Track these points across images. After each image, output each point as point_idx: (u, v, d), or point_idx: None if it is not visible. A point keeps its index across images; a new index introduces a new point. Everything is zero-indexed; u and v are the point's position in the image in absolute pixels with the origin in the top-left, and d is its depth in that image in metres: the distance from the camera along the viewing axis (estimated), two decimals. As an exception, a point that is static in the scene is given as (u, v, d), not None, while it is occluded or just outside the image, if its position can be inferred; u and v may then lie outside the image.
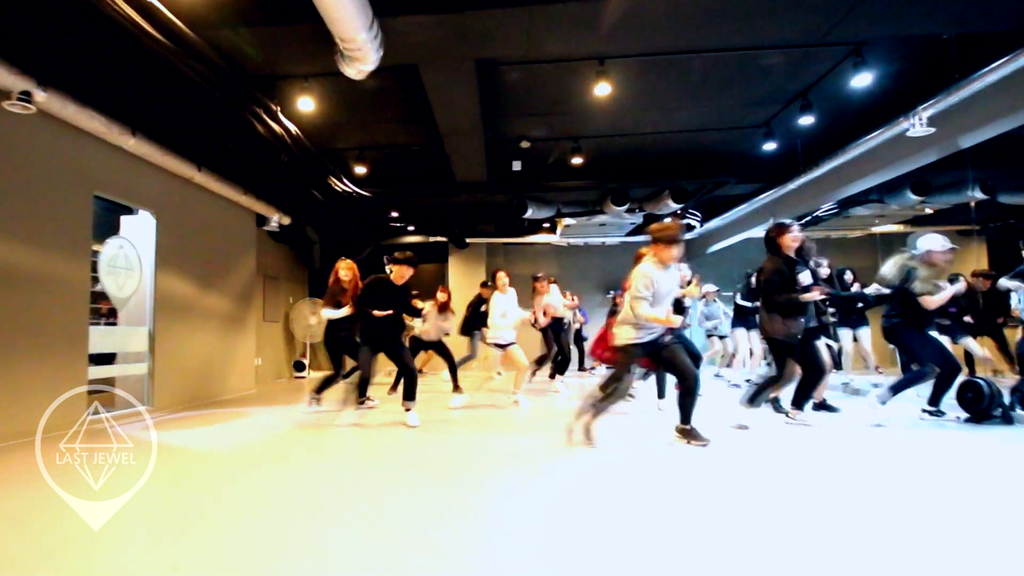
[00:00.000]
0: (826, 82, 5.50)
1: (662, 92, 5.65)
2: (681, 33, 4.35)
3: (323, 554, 1.92)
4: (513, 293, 5.81)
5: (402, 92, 5.28)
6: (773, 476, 3.01)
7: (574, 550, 1.98)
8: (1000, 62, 4.38)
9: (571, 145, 6.82)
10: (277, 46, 4.18)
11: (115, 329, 5.69)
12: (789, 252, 4.21)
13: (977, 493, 2.68)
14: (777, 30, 4.29)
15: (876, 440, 3.95)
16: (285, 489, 2.78)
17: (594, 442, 3.57)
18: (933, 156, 5.70)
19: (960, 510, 2.41)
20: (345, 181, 7.02)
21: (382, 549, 1.99)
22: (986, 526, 2.20)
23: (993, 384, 4.64)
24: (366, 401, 5.85)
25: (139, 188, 5.68)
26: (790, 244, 4.22)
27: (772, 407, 4.97)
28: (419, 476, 3.03)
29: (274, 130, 5.13)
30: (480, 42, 4.07)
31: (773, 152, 6.92)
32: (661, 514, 2.38)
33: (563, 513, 2.38)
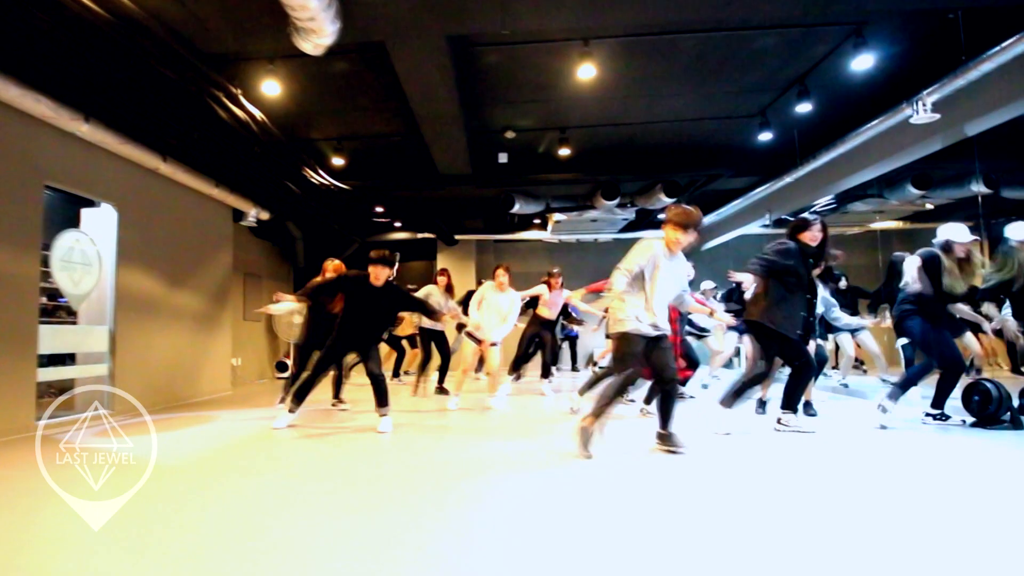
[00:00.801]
0: (825, 66, 5.21)
1: (650, 76, 5.34)
2: (667, 7, 4.03)
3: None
4: (514, 295, 5.51)
5: (375, 77, 4.98)
6: (765, 486, 2.70)
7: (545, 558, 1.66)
8: (1010, 41, 4.10)
9: (558, 135, 6.52)
10: (226, 18, 3.85)
11: (70, 328, 5.36)
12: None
13: (983, 502, 2.38)
14: (769, 6, 3.98)
15: (878, 445, 3.66)
16: (223, 510, 2.46)
17: (590, 452, 3.14)
18: (937, 145, 5.40)
19: (965, 520, 2.11)
20: (321, 173, 6.70)
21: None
22: (991, 536, 1.92)
23: (1002, 387, 4.34)
24: (339, 404, 5.59)
25: (96, 179, 5.35)
26: (810, 241, 3.92)
27: (757, 408, 4.72)
28: (393, 488, 2.71)
29: (237, 116, 4.81)
30: (450, 15, 3.75)
31: (769, 143, 6.62)
32: (645, 525, 2.06)
33: (543, 522, 2.07)
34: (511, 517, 2.25)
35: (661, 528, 2.11)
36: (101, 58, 3.86)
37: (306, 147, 6.62)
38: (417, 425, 4.63)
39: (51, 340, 4.95)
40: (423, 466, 3.21)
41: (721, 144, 7.02)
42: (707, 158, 7.24)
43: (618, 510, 2.36)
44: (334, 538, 2.03)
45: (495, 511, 2.35)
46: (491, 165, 7.28)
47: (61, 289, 5.13)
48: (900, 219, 9.96)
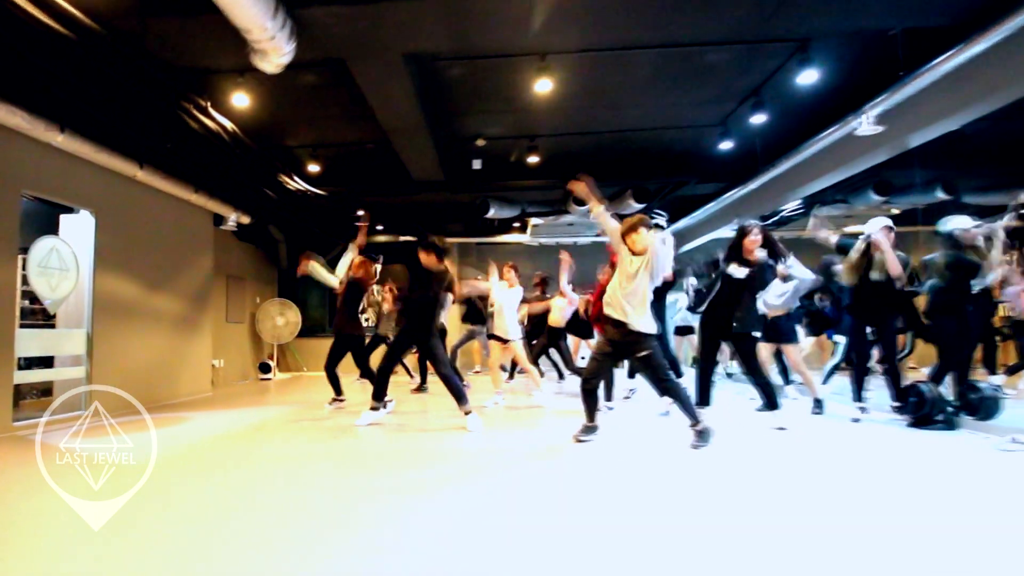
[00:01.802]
0: (777, 80, 5.41)
1: (610, 89, 5.54)
2: (618, 26, 4.23)
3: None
4: (519, 291, 5.73)
5: (344, 88, 5.15)
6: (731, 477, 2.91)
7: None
8: (941, 58, 4.29)
9: (527, 143, 6.71)
10: (188, 39, 4.03)
11: (48, 332, 5.53)
12: (750, 256, 4.19)
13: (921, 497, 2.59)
14: (714, 25, 4.18)
15: (827, 441, 3.87)
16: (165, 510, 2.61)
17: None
18: (884, 155, 5.62)
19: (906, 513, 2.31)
20: (296, 179, 6.88)
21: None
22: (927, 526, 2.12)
23: (935, 389, 4.56)
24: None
25: (74, 186, 5.52)
26: (748, 247, 4.19)
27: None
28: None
29: (208, 126, 4.98)
30: (401, 34, 3.93)
31: (731, 151, 6.83)
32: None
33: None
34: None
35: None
36: (73, 72, 4.03)
37: (282, 154, 6.80)
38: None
39: (30, 344, 5.12)
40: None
41: (686, 152, 7.23)
42: (673, 165, 7.45)
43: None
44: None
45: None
46: (465, 171, 7.47)
47: (38, 294, 5.29)
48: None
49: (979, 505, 2.56)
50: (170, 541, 2.12)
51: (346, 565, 1.89)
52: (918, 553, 1.96)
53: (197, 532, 2.23)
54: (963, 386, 4.74)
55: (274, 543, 2.08)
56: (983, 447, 3.73)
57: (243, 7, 3.02)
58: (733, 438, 3.93)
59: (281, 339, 10.30)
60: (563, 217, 8.96)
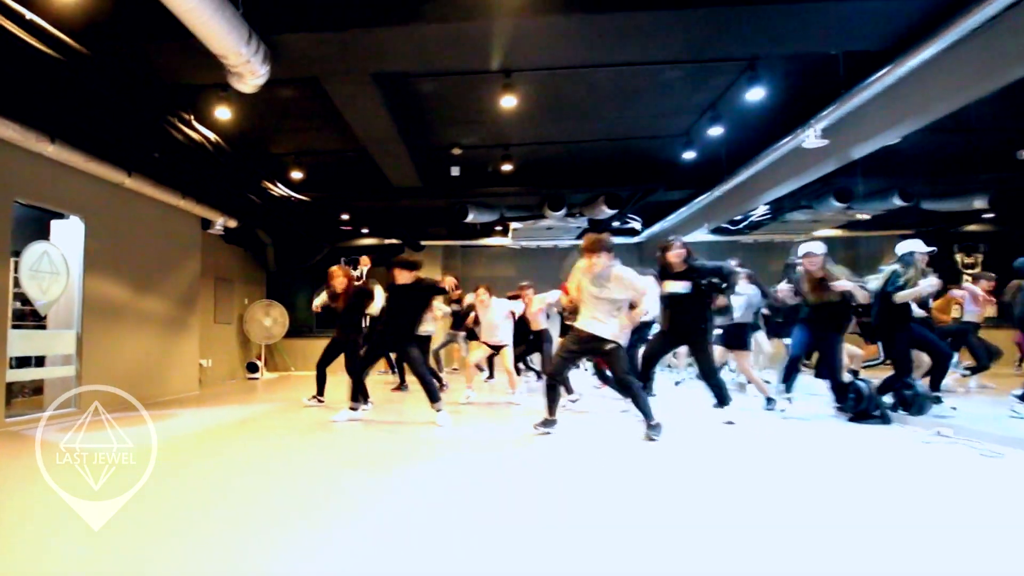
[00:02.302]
0: (731, 95, 5.74)
1: (575, 103, 5.86)
2: (572, 48, 4.54)
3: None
4: (500, 304, 6.17)
5: (321, 101, 5.43)
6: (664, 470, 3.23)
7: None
8: (874, 78, 4.63)
9: (501, 152, 7.02)
10: (172, 61, 4.32)
11: (39, 332, 5.79)
12: (677, 269, 4.57)
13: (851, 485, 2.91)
14: (661, 47, 4.50)
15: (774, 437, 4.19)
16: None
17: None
18: (832, 166, 5.96)
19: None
20: (280, 186, 7.17)
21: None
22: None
23: (872, 385, 4.90)
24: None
25: (64, 193, 5.78)
26: (673, 259, 4.58)
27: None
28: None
29: (192, 137, 5.27)
30: (370, 57, 4.24)
31: (698, 159, 7.15)
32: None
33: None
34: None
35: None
36: (63, 89, 4.32)
37: (267, 161, 7.08)
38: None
39: (21, 344, 5.39)
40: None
41: (654, 160, 7.56)
42: (642, 173, 7.78)
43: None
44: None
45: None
46: (444, 177, 7.77)
47: (29, 296, 5.55)
48: (838, 227, 10.57)
49: (897, 490, 2.83)
50: (140, 519, 2.39)
51: (300, 534, 2.20)
52: (828, 533, 2.21)
53: (177, 515, 2.53)
54: (899, 384, 5.09)
55: (240, 524, 2.39)
56: (909, 439, 4.07)
57: (218, 36, 3.31)
58: (686, 432, 4.28)
59: (269, 339, 10.56)
60: (541, 221, 9.27)
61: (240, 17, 3.44)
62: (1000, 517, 2.39)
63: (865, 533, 2.17)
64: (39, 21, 3.50)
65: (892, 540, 2.09)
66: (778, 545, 2.05)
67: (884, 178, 7.80)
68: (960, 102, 4.59)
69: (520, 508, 2.51)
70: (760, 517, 2.38)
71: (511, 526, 2.26)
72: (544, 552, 2.00)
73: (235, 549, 2.08)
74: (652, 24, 4.14)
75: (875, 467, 3.35)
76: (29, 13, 3.45)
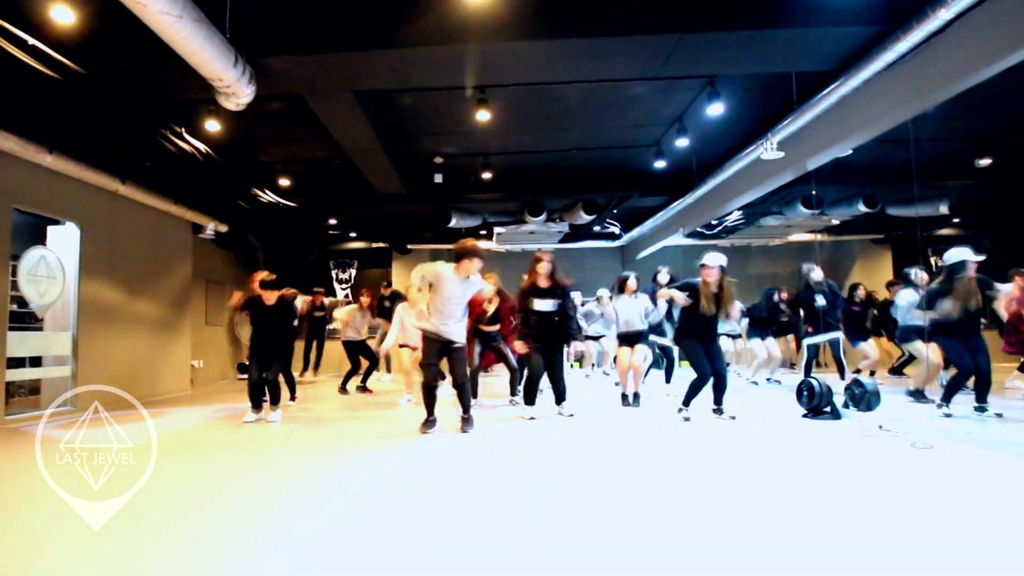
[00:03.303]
0: (694, 109, 6.08)
1: (547, 115, 6.19)
2: (540, 67, 4.87)
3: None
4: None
5: (306, 114, 5.74)
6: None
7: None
8: (824, 92, 4.98)
9: (481, 161, 7.33)
10: (164, 80, 4.62)
11: (36, 334, 6.05)
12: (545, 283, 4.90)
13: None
14: (621, 66, 4.82)
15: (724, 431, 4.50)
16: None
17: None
18: (790, 176, 6.31)
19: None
20: (268, 192, 7.45)
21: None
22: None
23: (823, 383, 5.23)
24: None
25: (61, 201, 6.05)
26: (540, 272, 4.93)
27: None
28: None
29: (183, 148, 5.56)
30: (350, 76, 4.55)
31: (668, 168, 7.49)
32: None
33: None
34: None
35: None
36: (60, 104, 4.60)
37: (256, 169, 7.37)
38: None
39: (19, 345, 5.65)
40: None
41: (627, 169, 7.90)
42: (617, 180, 8.12)
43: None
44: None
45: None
46: (428, 184, 8.07)
47: (27, 299, 5.82)
48: (812, 232, 10.95)
49: (832, 479, 3.06)
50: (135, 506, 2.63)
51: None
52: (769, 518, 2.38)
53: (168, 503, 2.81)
54: (851, 382, 5.43)
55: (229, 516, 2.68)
56: (853, 433, 4.37)
57: (206, 61, 3.60)
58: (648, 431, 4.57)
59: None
60: (524, 226, 9.59)
61: (227, 42, 3.73)
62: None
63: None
64: (40, 46, 3.79)
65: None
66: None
67: (848, 185, 8.16)
68: (901, 118, 4.93)
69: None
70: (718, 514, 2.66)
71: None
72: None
73: (224, 540, 2.23)
74: (609, 48, 4.46)
75: (819, 460, 3.53)
76: (32, 39, 3.74)
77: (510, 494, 2.75)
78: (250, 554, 2.05)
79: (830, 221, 10.00)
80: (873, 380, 5.57)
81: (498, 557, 1.97)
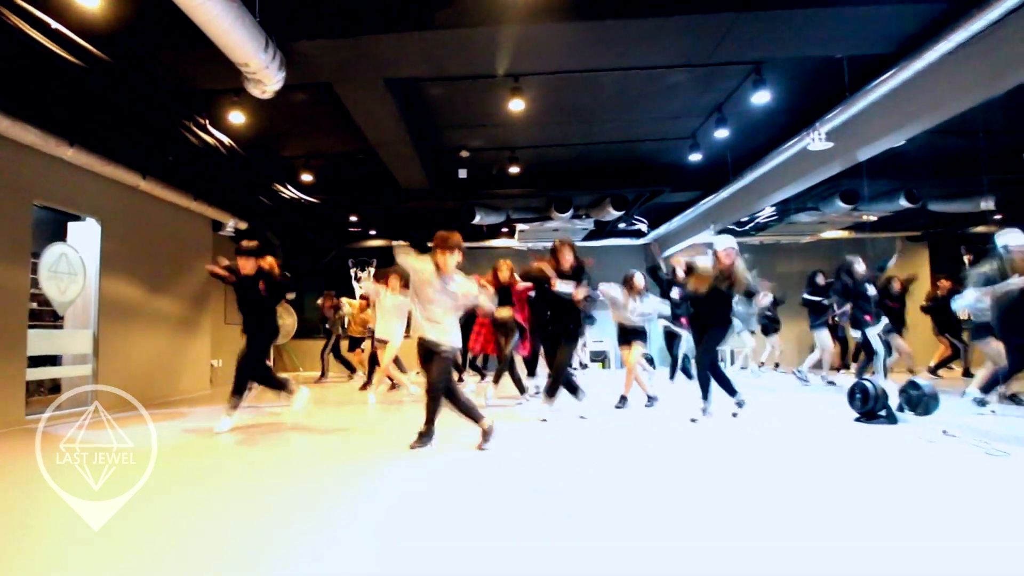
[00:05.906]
0: (737, 98, 5.79)
1: (581, 106, 5.93)
2: (579, 54, 4.62)
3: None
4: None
5: (331, 106, 5.53)
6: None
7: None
8: (881, 79, 4.68)
9: (508, 155, 7.09)
10: (191, 68, 4.43)
11: (57, 332, 5.91)
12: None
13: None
14: (667, 51, 4.57)
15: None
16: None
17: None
18: (837, 168, 5.99)
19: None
20: (290, 188, 7.27)
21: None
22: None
23: (879, 386, 4.93)
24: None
25: (81, 196, 5.91)
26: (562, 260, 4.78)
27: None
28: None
29: (207, 141, 5.38)
30: (382, 63, 4.33)
31: (703, 162, 7.20)
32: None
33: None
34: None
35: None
36: (82, 95, 4.43)
37: (277, 164, 7.19)
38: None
39: (40, 343, 5.51)
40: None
41: (660, 162, 7.61)
42: (649, 175, 7.84)
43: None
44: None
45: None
46: (451, 180, 7.85)
47: (48, 297, 5.67)
48: (845, 228, 10.58)
49: (904, 488, 2.83)
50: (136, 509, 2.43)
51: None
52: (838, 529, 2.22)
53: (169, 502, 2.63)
54: (907, 383, 5.13)
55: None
56: (913, 438, 4.09)
57: (237, 44, 3.40)
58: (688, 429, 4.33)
59: (278, 340, 10.68)
60: (548, 223, 9.34)
61: (258, 25, 3.53)
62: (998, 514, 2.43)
63: (863, 527, 2.23)
64: (64, 30, 3.61)
65: (887, 535, 2.15)
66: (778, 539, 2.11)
67: (890, 180, 7.82)
68: (965, 105, 4.62)
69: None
70: (762, 511, 2.44)
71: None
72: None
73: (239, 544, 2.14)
74: (657, 30, 4.21)
75: (886, 467, 3.31)
76: (55, 23, 3.56)
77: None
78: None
79: (865, 217, 9.65)
80: (928, 382, 5.29)
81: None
